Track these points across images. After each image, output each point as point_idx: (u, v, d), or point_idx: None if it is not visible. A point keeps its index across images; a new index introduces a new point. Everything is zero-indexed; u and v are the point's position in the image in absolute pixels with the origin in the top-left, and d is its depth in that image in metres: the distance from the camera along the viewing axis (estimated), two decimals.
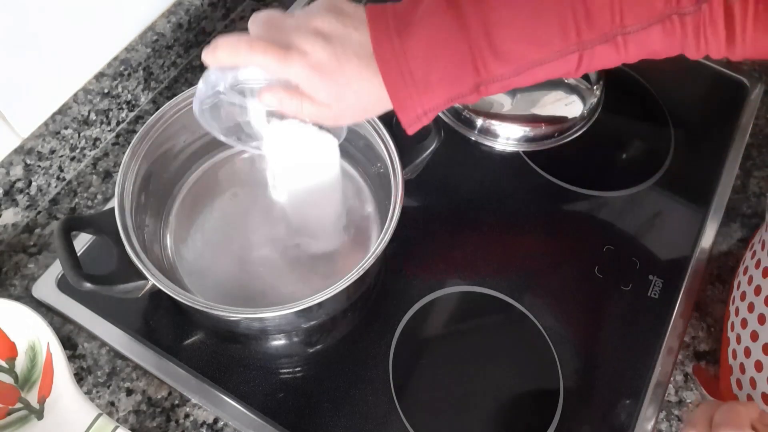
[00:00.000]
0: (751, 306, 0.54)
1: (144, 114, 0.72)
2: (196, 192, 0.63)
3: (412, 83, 0.45)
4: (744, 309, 0.55)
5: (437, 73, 0.45)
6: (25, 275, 0.61)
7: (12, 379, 0.54)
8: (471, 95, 0.47)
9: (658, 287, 0.62)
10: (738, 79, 0.78)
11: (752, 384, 0.51)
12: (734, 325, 0.56)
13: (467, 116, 0.71)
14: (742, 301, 0.56)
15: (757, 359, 0.51)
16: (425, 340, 0.59)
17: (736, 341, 0.55)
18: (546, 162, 0.70)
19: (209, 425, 0.55)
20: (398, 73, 0.44)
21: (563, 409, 0.56)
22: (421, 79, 0.45)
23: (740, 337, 0.54)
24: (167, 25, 0.70)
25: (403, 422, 0.55)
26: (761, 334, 0.51)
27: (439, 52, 0.44)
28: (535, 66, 0.46)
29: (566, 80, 0.72)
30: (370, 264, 0.49)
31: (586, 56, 0.47)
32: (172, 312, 0.59)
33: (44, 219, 0.64)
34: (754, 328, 0.52)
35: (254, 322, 0.55)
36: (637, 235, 0.66)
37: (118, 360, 0.57)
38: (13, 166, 0.60)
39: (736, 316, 0.56)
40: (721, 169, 0.70)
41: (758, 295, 0.53)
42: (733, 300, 0.58)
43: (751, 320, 0.53)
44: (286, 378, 0.57)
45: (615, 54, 0.47)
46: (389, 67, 0.44)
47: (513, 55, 0.45)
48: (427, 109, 0.46)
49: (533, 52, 0.46)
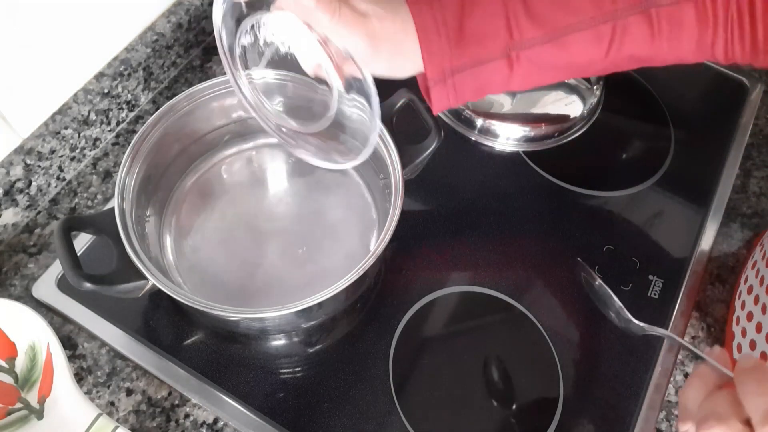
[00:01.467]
0: (756, 299, 0.54)
1: (144, 114, 0.72)
2: (196, 192, 0.63)
3: (445, 31, 0.44)
4: (750, 302, 0.55)
5: (470, 25, 0.44)
6: (25, 275, 0.61)
7: (12, 379, 0.54)
8: (501, 61, 0.46)
9: (658, 287, 0.62)
10: (738, 79, 0.78)
11: None
12: (740, 319, 0.56)
13: (467, 116, 0.71)
14: (748, 294, 0.56)
15: (762, 350, 0.51)
16: (425, 340, 0.59)
17: (742, 335, 0.55)
18: (546, 162, 0.70)
19: (209, 425, 0.55)
20: (431, 18, 0.43)
21: (563, 408, 0.56)
22: (453, 29, 0.44)
23: (746, 330, 0.54)
24: (167, 25, 0.70)
25: (403, 422, 0.55)
26: (765, 325, 0.51)
27: (474, 5, 0.44)
28: (568, 32, 0.45)
29: (566, 80, 0.72)
30: (370, 264, 0.49)
31: (618, 29, 0.46)
32: (172, 312, 0.59)
33: (44, 219, 0.64)
34: (759, 320, 0.52)
35: (254, 322, 0.55)
36: (637, 235, 0.66)
37: (118, 360, 0.57)
38: (13, 166, 0.60)
39: (742, 310, 0.56)
40: (721, 169, 0.70)
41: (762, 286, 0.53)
42: (739, 294, 0.58)
43: (757, 312, 0.53)
44: (286, 378, 0.57)
45: (648, 32, 0.46)
46: (422, 11, 0.43)
47: (546, 18, 0.45)
48: (455, 67, 0.45)
49: (566, 17, 0.45)
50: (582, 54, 0.47)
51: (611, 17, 0.45)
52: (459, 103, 0.49)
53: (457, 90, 0.47)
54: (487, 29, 0.45)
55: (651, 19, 0.46)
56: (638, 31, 0.46)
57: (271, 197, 0.64)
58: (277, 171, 0.65)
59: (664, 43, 0.47)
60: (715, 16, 0.47)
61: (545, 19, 0.45)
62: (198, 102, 0.58)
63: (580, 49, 0.47)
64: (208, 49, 0.77)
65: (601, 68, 0.50)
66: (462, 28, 0.44)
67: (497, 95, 0.71)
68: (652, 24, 0.46)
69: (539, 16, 0.45)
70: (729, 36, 0.47)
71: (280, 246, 0.60)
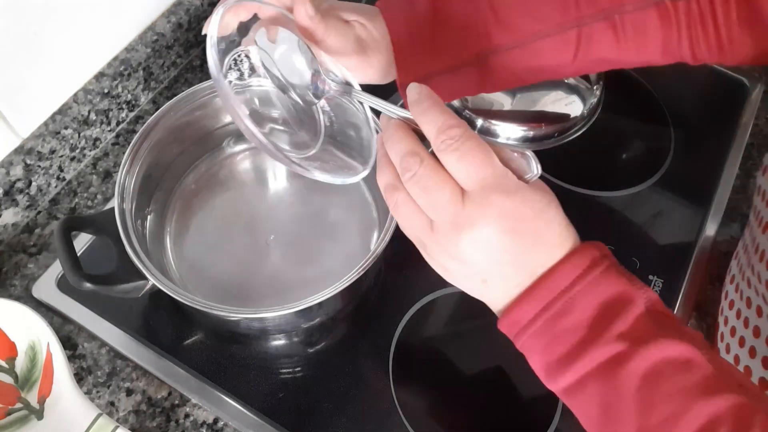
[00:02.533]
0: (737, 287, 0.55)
1: (144, 114, 0.72)
2: (196, 192, 0.63)
3: (419, 41, 0.45)
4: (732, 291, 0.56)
5: (442, 34, 0.46)
6: (25, 275, 0.61)
7: (12, 379, 0.54)
8: (472, 67, 0.47)
9: (658, 287, 0.62)
10: (738, 79, 0.78)
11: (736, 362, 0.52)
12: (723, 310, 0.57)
13: (467, 116, 0.71)
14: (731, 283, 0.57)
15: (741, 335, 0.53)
16: (425, 340, 0.59)
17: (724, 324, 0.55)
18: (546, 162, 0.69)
19: (209, 425, 0.55)
20: (405, 27, 0.45)
21: (563, 408, 0.56)
22: (426, 38, 0.45)
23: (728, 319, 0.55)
24: (167, 25, 0.70)
25: (403, 422, 0.55)
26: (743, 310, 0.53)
27: (445, 14, 0.45)
28: (535, 39, 0.47)
29: (566, 80, 0.72)
30: (370, 264, 0.50)
31: (584, 35, 0.48)
32: (172, 312, 0.59)
33: (44, 219, 0.64)
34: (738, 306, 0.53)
35: (254, 322, 0.55)
36: (637, 235, 0.66)
37: (118, 360, 0.57)
38: (13, 166, 0.60)
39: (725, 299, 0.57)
40: (721, 169, 0.70)
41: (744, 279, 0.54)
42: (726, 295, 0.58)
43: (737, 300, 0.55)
44: (286, 378, 0.57)
45: (613, 38, 0.48)
46: (396, 21, 0.45)
47: (514, 25, 0.47)
48: (427, 73, 0.47)
49: (534, 24, 0.47)
50: (550, 58, 0.49)
51: (577, 24, 0.47)
52: None
53: None
54: (457, 36, 0.46)
55: (615, 24, 0.48)
56: (604, 36, 0.48)
57: (271, 197, 0.64)
58: (277, 171, 0.65)
59: (631, 46, 0.49)
60: (678, 19, 0.49)
61: (513, 27, 0.47)
62: (198, 102, 0.58)
63: (549, 54, 0.49)
64: None
65: (571, 71, 0.52)
66: (434, 37, 0.46)
67: (497, 95, 0.71)
68: (617, 30, 0.48)
69: (508, 23, 0.47)
70: (694, 38, 0.49)
71: (280, 246, 0.60)
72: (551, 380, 0.37)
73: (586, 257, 0.36)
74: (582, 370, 0.35)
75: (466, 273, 0.38)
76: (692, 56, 0.51)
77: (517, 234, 0.35)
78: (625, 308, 0.35)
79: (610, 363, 0.34)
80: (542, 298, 0.36)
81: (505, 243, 0.35)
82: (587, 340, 0.35)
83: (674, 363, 0.34)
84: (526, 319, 0.36)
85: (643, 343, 0.34)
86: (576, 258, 0.36)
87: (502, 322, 0.38)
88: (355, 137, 0.48)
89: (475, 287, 0.38)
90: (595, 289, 0.35)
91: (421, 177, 0.36)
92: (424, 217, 0.37)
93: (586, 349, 0.35)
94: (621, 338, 0.34)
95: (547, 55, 0.49)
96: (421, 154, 0.36)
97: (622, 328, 0.35)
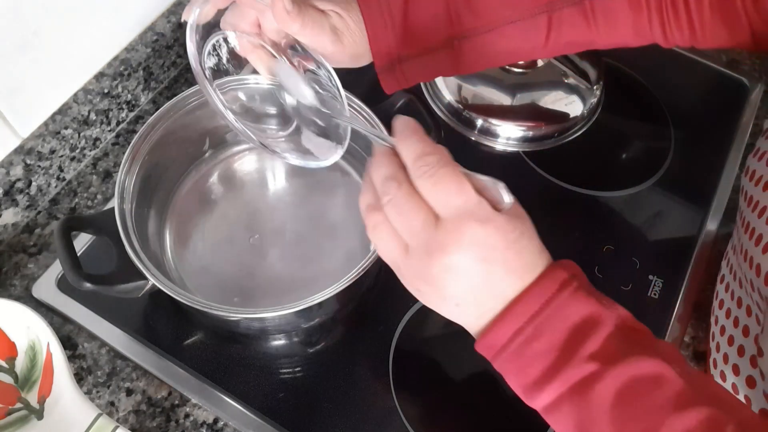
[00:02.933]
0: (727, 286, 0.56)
1: (144, 114, 0.72)
2: (196, 192, 0.63)
3: (391, 25, 0.47)
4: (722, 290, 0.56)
5: (414, 19, 0.47)
6: (25, 275, 0.61)
7: (12, 379, 0.54)
8: (445, 51, 0.49)
9: (658, 287, 0.62)
10: (738, 79, 0.78)
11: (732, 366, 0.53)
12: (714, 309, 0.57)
13: (467, 116, 0.71)
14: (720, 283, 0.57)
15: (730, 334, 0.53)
16: (425, 340, 0.59)
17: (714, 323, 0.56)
18: (546, 162, 0.70)
19: (209, 425, 0.55)
20: (379, 13, 0.47)
21: None
22: (398, 23, 0.47)
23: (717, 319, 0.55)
24: (167, 25, 0.70)
25: (403, 422, 0.55)
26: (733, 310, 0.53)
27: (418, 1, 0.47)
28: (506, 23, 0.48)
29: (566, 80, 0.72)
30: (369, 264, 0.50)
31: (554, 20, 0.49)
32: (172, 312, 0.59)
33: (44, 219, 0.64)
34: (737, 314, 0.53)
35: (254, 322, 0.55)
36: (637, 235, 0.66)
37: (118, 360, 0.57)
38: (13, 166, 0.60)
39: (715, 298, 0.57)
40: (721, 169, 0.70)
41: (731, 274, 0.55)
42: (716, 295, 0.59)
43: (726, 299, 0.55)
44: (286, 378, 0.57)
45: (584, 22, 0.49)
46: (371, 6, 0.47)
47: (485, 9, 0.48)
48: (401, 56, 0.48)
49: (504, 9, 0.48)
50: (522, 42, 0.50)
51: (547, 9, 0.48)
52: (411, 84, 0.52)
53: (406, 75, 0.50)
54: (429, 22, 0.48)
55: (585, 9, 0.49)
56: (574, 21, 0.50)
57: (271, 197, 0.64)
58: (277, 171, 0.65)
59: (602, 30, 0.50)
60: (648, 4, 0.50)
61: (485, 11, 0.48)
62: (198, 102, 0.58)
63: (520, 38, 0.50)
64: None
65: (544, 54, 0.53)
66: (406, 21, 0.47)
67: (497, 95, 0.71)
68: (587, 14, 0.50)
69: (479, 8, 0.48)
70: (665, 20, 0.50)
71: (280, 246, 0.60)
72: (529, 400, 0.38)
73: (555, 280, 0.37)
74: (555, 392, 0.36)
75: (439, 296, 0.38)
76: (664, 39, 0.52)
77: (488, 263, 0.36)
78: (595, 329, 0.36)
79: (582, 384, 0.35)
80: (513, 324, 0.37)
81: (476, 270, 0.36)
82: (559, 363, 0.36)
83: (645, 380, 0.35)
84: (500, 344, 0.37)
85: (614, 362, 0.35)
86: (545, 281, 0.37)
87: (479, 344, 0.39)
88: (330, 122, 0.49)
89: (449, 311, 0.39)
90: (564, 311, 0.36)
91: (398, 201, 0.37)
92: (400, 240, 0.38)
93: (558, 371, 0.36)
94: (591, 359, 0.35)
95: (519, 40, 0.50)
96: (399, 179, 0.37)
97: (592, 349, 0.35)
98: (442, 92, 0.72)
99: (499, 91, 0.71)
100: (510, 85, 0.72)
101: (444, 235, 0.36)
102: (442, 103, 0.72)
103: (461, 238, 0.35)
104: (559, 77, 0.72)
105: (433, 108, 0.73)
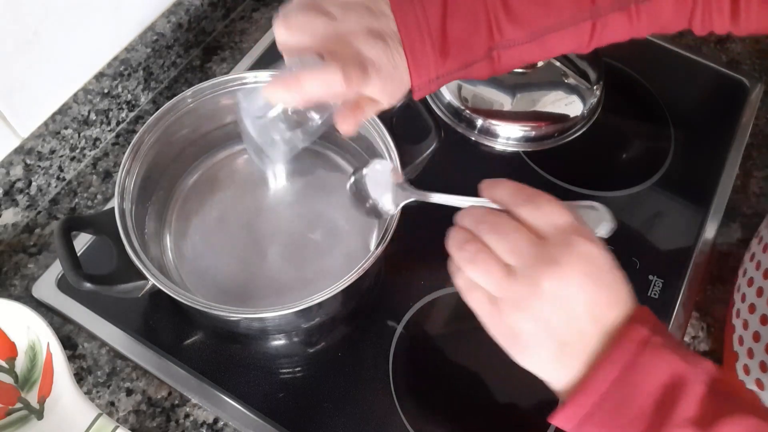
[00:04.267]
0: (760, 290, 0.54)
1: (144, 114, 0.72)
2: (196, 192, 0.63)
3: (431, 43, 0.45)
4: (752, 294, 0.55)
5: (453, 34, 0.45)
6: (25, 275, 0.61)
7: (12, 379, 0.54)
8: (484, 62, 0.47)
9: (658, 287, 0.62)
10: (738, 79, 0.78)
11: (762, 368, 0.51)
12: (740, 312, 0.55)
13: (467, 116, 0.71)
14: (749, 286, 0.55)
15: (766, 342, 0.51)
16: (425, 340, 0.59)
17: (743, 327, 0.54)
18: (546, 162, 0.70)
19: (209, 425, 0.55)
20: (417, 31, 0.44)
21: None
22: (438, 38, 0.45)
23: (747, 323, 0.54)
24: (167, 25, 0.70)
25: (403, 422, 0.55)
26: None
27: (456, 12, 0.45)
28: (549, 32, 0.46)
29: (566, 80, 0.72)
30: (369, 264, 0.50)
31: (599, 25, 0.47)
32: (172, 312, 0.59)
33: (44, 219, 0.64)
34: (763, 311, 0.52)
35: (254, 322, 0.55)
36: (637, 235, 0.66)
37: (118, 360, 0.57)
38: (13, 166, 0.60)
39: (743, 302, 0.56)
40: (721, 169, 0.70)
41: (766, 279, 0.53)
42: (738, 287, 0.58)
43: (760, 304, 0.53)
44: (286, 378, 0.57)
45: (627, 24, 0.48)
46: (409, 28, 0.44)
47: (526, 19, 0.46)
48: (440, 73, 0.47)
49: (547, 17, 0.46)
50: (564, 48, 0.49)
51: (591, 15, 0.47)
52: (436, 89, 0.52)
53: (438, 85, 0.49)
54: (469, 35, 0.46)
55: (630, 14, 0.48)
56: (618, 24, 0.48)
57: (271, 197, 0.64)
58: (277, 171, 0.65)
59: (643, 30, 0.49)
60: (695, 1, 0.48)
61: (526, 21, 0.46)
62: (198, 102, 0.58)
63: (561, 45, 0.48)
64: (208, 49, 0.77)
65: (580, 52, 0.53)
66: (445, 37, 0.45)
67: (497, 95, 0.71)
68: (632, 18, 0.48)
69: (520, 17, 0.46)
70: (707, 9, 0.48)
71: (280, 246, 0.60)
72: None
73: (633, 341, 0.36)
74: None
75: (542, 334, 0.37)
76: (701, 25, 0.50)
77: (597, 283, 0.36)
78: (683, 389, 0.35)
79: None
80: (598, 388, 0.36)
81: (586, 287, 0.36)
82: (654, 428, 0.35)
83: None
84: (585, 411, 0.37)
85: (710, 424, 0.34)
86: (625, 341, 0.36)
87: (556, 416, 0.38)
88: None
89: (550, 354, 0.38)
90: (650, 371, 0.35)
91: (499, 226, 0.37)
92: (501, 263, 0.37)
93: None
94: (688, 424, 0.34)
95: (561, 46, 0.48)
96: (495, 213, 0.38)
97: (686, 413, 0.34)
98: (442, 92, 0.72)
99: (499, 91, 0.71)
100: (510, 85, 0.72)
101: (554, 247, 0.36)
102: (442, 103, 0.72)
103: (572, 250, 0.36)
104: (559, 77, 0.72)
105: (433, 108, 0.73)
